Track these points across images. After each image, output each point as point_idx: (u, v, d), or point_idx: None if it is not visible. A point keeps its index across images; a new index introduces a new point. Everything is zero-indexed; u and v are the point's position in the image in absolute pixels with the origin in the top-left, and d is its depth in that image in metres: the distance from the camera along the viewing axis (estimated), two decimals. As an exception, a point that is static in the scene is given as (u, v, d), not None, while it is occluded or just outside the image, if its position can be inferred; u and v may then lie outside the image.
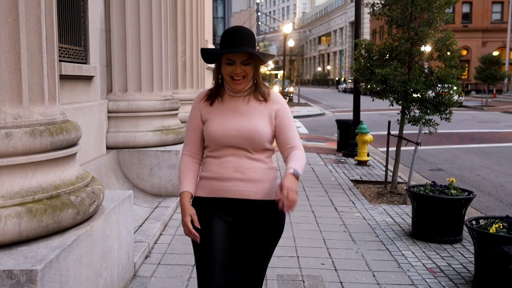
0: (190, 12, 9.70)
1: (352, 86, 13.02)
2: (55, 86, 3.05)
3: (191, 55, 9.76)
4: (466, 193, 5.36)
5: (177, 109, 7.04)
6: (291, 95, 37.23)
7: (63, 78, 4.65)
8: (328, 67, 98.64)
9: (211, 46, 13.81)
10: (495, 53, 38.87)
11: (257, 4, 67.44)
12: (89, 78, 5.46)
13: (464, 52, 51.73)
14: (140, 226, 5.18)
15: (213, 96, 2.56)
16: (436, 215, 5.25)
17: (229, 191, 2.48)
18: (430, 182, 5.69)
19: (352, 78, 9.03)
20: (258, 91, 2.54)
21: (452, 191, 5.31)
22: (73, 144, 3.10)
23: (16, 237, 2.58)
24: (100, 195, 3.18)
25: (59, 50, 4.66)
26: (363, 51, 7.54)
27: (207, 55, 2.54)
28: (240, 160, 2.48)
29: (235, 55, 2.42)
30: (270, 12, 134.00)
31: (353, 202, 6.96)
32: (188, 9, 9.64)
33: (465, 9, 54.30)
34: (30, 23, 2.80)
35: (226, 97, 2.55)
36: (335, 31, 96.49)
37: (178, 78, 9.55)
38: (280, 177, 2.56)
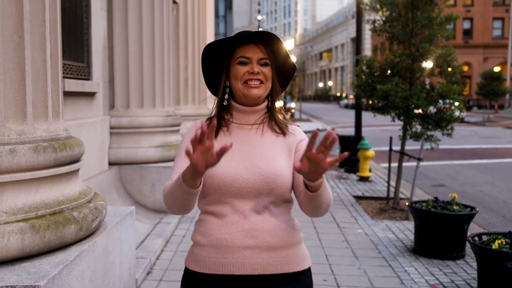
0: (192, 29, 9.79)
1: (354, 101, 13.07)
2: (59, 102, 3.08)
3: (193, 71, 9.83)
4: (469, 209, 5.35)
5: (179, 125, 7.07)
6: (293, 111, 37.30)
7: (66, 94, 4.68)
8: (330, 83, 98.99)
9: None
10: (496, 69, 39.03)
11: (259, 20, 67.89)
12: (91, 95, 5.50)
13: (466, 68, 51.92)
14: (142, 242, 5.17)
15: (216, 125, 1.82)
16: (438, 231, 5.23)
17: (238, 266, 1.79)
18: (433, 198, 5.69)
19: (354, 94, 9.06)
20: (274, 119, 1.93)
21: (455, 207, 5.31)
22: (76, 160, 3.12)
23: (19, 253, 2.58)
24: (102, 211, 3.19)
25: (63, 66, 4.70)
26: (364, 67, 7.58)
27: (208, 63, 1.98)
28: (253, 218, 1.80)
29: (251, 49, 1.85)
30: (271, 28, 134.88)
31: (355, 218, 6.95)
32: (190, 25, 9.73)
33: (466, 25, 54.66)
34: (35, 40, 2.83)
35: (233, 126, 1.91)
36: (336, 47, 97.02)
37: (180, 94, 9.60)
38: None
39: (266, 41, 1.87)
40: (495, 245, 4.02)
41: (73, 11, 5.00)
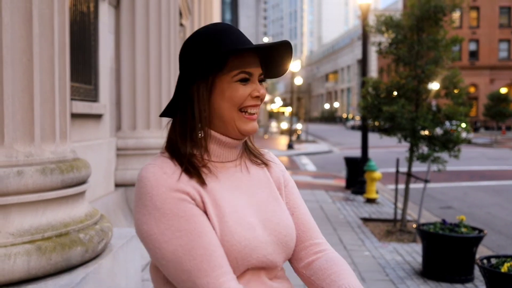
0: (199, 51, 9.87)
1: (360, 123, 13.14)
2: (66, 124, 3.10)
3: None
4: (477, 231, 5.30)
5: (185, 147, 7.09)
6: (299, 132, 37.15)
7: (73, 116, 4.71)
8: (336, 105, 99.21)
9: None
10: (503, 90, 39.05)
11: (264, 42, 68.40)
12: (98, 116, 5.53)
13: (472, 89, 51.98)
14: (148, 264, 5.14)
15: (192, 167, 1.32)
16: (446, 253, 5.18)
17: None
18: (440, 220, 5.65)
19: (360, 115, 9.07)
20: (251, 149, 1.49)
21: (462, 229, 5.26)
22: (83, 181, 3.12)
23: (25, 275, 2.57)
24: (108, 232, 3.18)
25: (70, 88, 4.74)
26: (370, 89, 7.60)
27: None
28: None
29: (253, 61, 1.34)
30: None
31: (362, 241, 6.89)
32: (197, 48, 9.81)
33: (472, 47, 54.88)
34: (43, 63, 2.87)
35: (215, 166, 1.38)
36: (342, 69, 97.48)
37: (187, 116, 9.64)
38: None
39: (273, 53, 1.39)
40: (504, 268, 3.97)
41: (81, 34, 5.06)
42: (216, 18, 14.07)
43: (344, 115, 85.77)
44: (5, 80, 2.67)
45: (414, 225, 5.88)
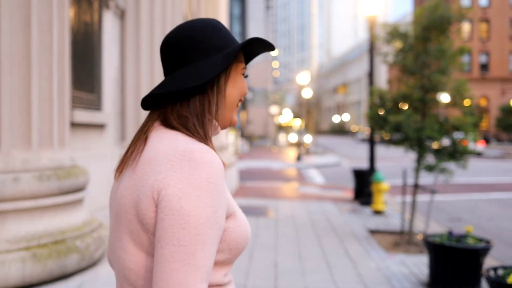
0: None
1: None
2: (65, 131, 3.09)
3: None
4: (484, 242, 5.21)
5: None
6: (308, 147, 35.97)
7: (76, 125, 4.72)
8: (345, 117, 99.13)
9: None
10: (514, 102, 38.78)
11: (273, 56, 68.65)
12: (101, 126, 5.53)
13: (483, 102, 51.72)
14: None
15: None
16: (453, 265, 5.10)
17: None
18: (447, 231, 5.56)
19: (368, 126, 9.04)
20: None
21: (469, 240, 5.18)
22: (81, 188, 3.11)
23: (19, 282, 2.55)
24: (106, 240, 3.16)
25: (73, 98, 4.75)
26: (376, 99, 7.56)
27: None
28: None
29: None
30: (286, 62, 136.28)
31: (368, 252, 6.81)
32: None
33: (483, 59, 54.69)
34: (42, 70, 2.87)
35: None
36: (351, 82, 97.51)
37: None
38: None
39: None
40: (510, 279, 3.89)
41: (84, 43, 5.08)
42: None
43: (354, 128, 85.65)
44: (3, 86, 2.67)
45: (421, 237, 5.80)
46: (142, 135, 1.26)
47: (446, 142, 7.06)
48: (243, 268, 5.70)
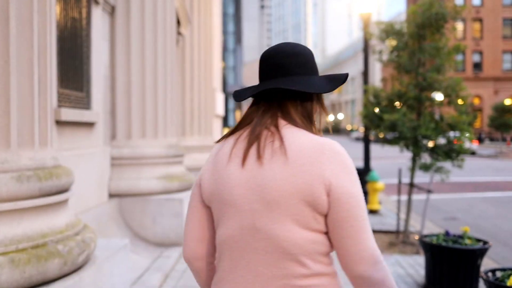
0: (198, 61, 9.76)
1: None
2: (47, 130, 2.95)
3: (199, 102, 9.75)
4: (481, 243, 5.11)
5: (182, 156, 6.93)
6: None
7: (63, 124, 4.58)
8: (340, 116, 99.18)
9: (219, 94, 13.85)
10: (507, 102, 38.83)
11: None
12: (91, 125, 5.39)
13: (476, 101, 51.81)
14: (140, 277, 4.98)
15: None
16: (450, 266, 4.99)
17: None
18: (443, 231, 5.46)
19: (363, 126, 8.91)
20: None
21: (466, 241, 5.07)
22: (64, 190, 2.97)
23: (-4, 289, 2.42)
24: (90, 244, 3.02)
25: (61, 95, 4.61)
26: (371, 97, 7.45)
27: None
28: None
29: None
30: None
31: (363, 252, 6.70)
32: (196, 57, 9.70)
33: (476, 58, 54.78)
34: (21, 66, 2.73)
35: None
36: (346, 81, 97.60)
37: (185, 125, 9.51)
38: None
39: None
40: (510, 282, 3.78)
41: (72, 40, 4.93)
42: (217, 29, 14.00)
43: (348, 127, 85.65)
44: (-20, 82, 2.55)
45: (417, 237, 5.70)
46: (266, 131, 1.45)
47: (441, 141, 6.95)
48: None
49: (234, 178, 1.44)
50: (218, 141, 1.58)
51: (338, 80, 1.56)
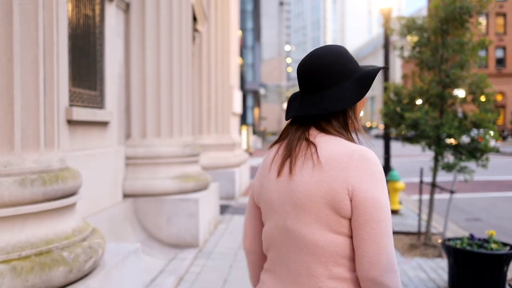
0: (215, 58, 9.62)
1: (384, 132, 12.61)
2: (54, 131, 2.84)
3: (216, 99, 9.63)
4: (508, 247, 4.89)
5: (198, 155, 6.80)
6: None
7: (75, 123, 4.48)
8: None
9: (237, 91, 13.70)
10: (531, 98, 37.99)
11: (287, 51, 68.11)
12: (104, 124, 5.29)
13: (499, 97, 50.88)
14: (154, 280, 4.86)
15: None
16: (474, 271, 4.78)
17: None
18: (468, 235, 5.24)
19: (383, 123, 8.69)
20: None
21: (492, 245, 4.85)
22: (71, 194, 2.85)
23: (-4, 299, 2.30)
24: (98, 250, 2.90)
25: (72, 94, 4.51)
26: (391, 95, 7.23)
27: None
28: None
29: None
30: (300, 59, 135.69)
31: (383, 255, 6.50)
32: (213, 55, 9.57)
33: (499, 54, 53.83)
34: (26, 64, 2.61)
35: None
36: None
37: (202, 124, 9.39)
38: None
39: None
40: (540, 291, 3.57)
41: (85, 38, 4.82)
42: (234, 26, 13.85)
43: (368, 124, 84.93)
44: (-18, 82, 2.43)
45: (439, 240, 5.48)
46: (301, 141, 1.53)
47: (465, 139, 6.71)
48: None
49: (273, 184, 1.56)
50: (270, 147, 1.67)
51: (370, 77, 1.60)
